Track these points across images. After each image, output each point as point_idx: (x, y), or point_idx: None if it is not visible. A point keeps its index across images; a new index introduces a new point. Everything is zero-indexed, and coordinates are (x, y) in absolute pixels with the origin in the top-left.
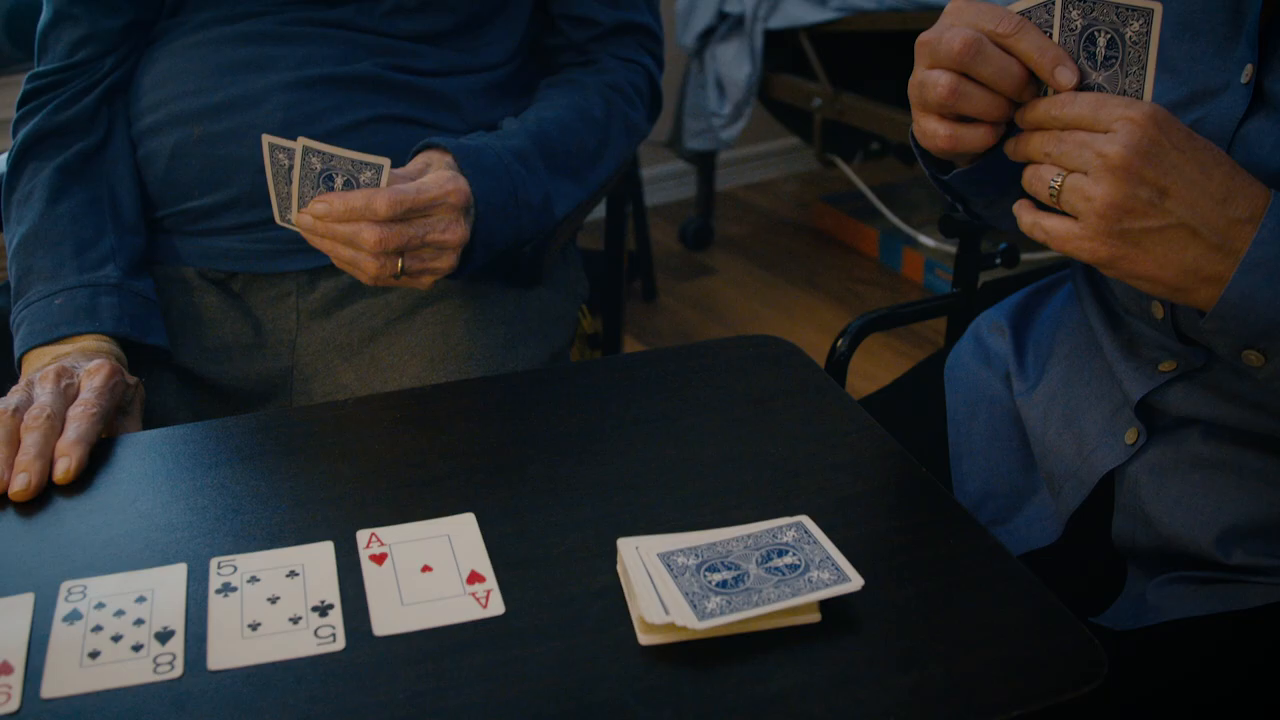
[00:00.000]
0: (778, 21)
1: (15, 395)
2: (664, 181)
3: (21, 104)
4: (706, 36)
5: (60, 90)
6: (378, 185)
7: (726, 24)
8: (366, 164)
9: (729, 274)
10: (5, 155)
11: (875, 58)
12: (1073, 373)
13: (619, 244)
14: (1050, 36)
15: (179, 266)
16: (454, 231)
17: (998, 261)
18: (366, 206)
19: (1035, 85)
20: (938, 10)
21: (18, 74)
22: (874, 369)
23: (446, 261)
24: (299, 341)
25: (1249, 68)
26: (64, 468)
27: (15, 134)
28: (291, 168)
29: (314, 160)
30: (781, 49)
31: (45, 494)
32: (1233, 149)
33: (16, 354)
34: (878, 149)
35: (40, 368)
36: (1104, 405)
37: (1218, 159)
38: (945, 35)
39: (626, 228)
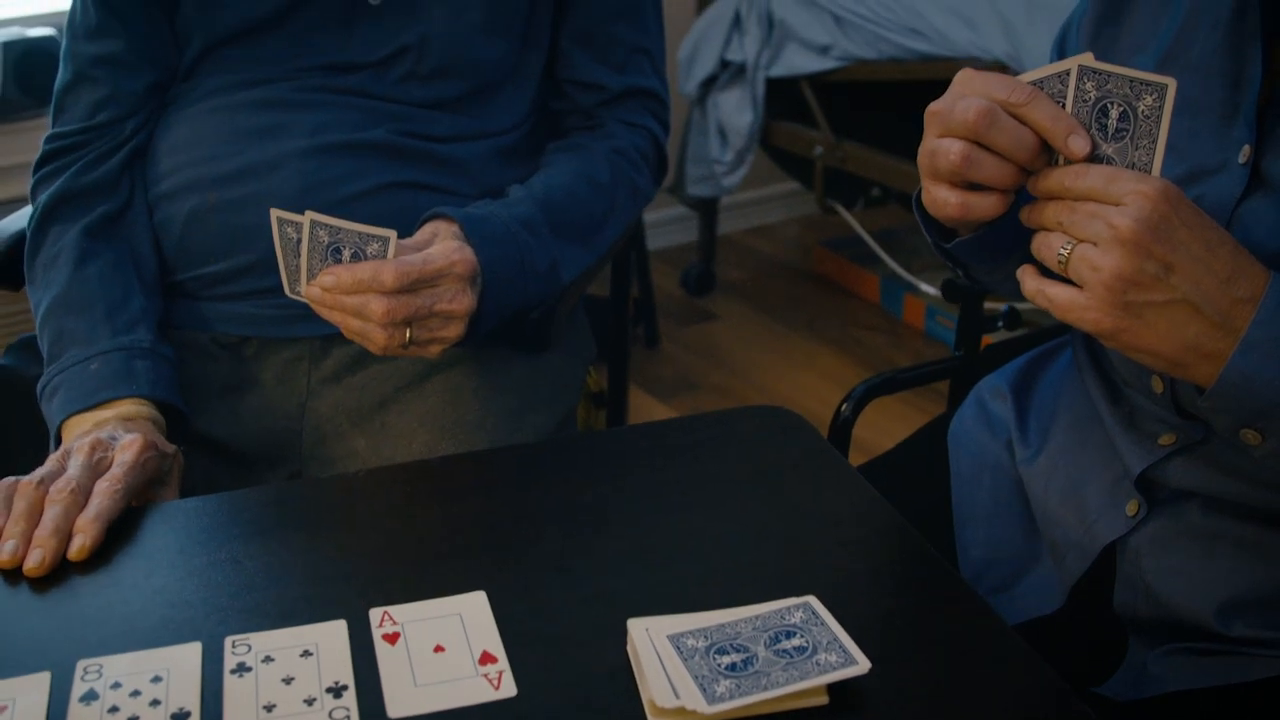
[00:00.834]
0: (779, 70)
1: (49, 464)
2: (666, 226)
3: (40, 165)
4: (709, 84)
5: (82, 152)
6: (384, 257)
7: (728, 72)
8: (373, 236)
9: (731, 319)
10: (28, 217)
11: (876, 105)
12: (1074, 442)
13: (623, 296)
14: (1063, 106)
15: (194, 330)
16: (461, 301)
17: (1000, 324)
18: (374, 278)
19: (1047, 153)
20: (937, 61)
21: (24, 121)
22: (876, 417)
23: (454, 330)
24: (311, 407)
25: (1246, 148)
26: (78, 545)
27: (35, 195)
28: (300, 241)
29: (321, 233)
30: (783, 97)
31: (61, 568)
32: (1231, 228)
33: (55, 420)
34: (879, 195)
35: (80, 434)
36: (1105, 476)
37: (1223, 238)
38: (958, 105)
39: (631, 279)
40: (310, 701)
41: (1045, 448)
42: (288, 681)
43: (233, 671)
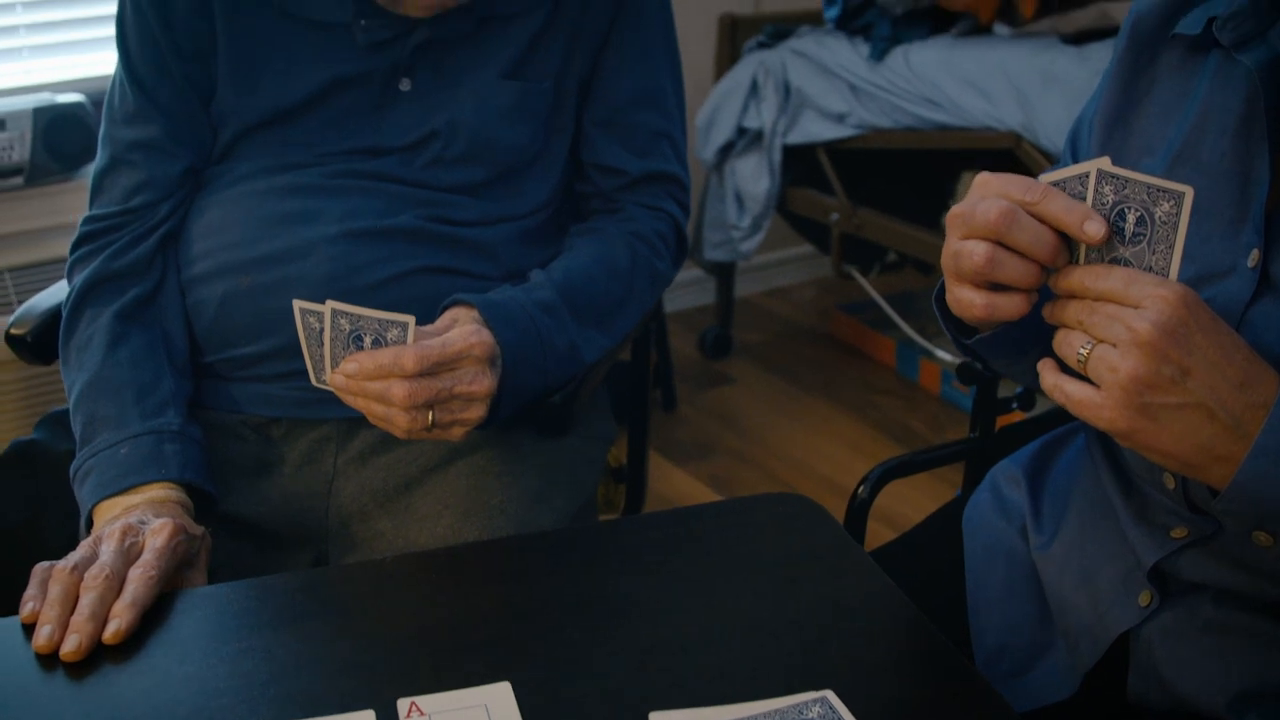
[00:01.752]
0: (796, 137)
1: (82, 550)
2: (683, 288)
3: (77, 246)
4: (726, 150)
5: (118, 235)
6: (404, 342)
7: (745, 139)
8: (393, 322)
9: (748, 383)
10: (61, 294)
11: (892, 172)
12: (1087, 531)
13: (644, 365)
14: None
15: (223, 411)
16: (481, 383)
17: (1015, 405)
18: (395, 363)
19: (1068, 251)
20: (952, 130)
21: (52, 185)
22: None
23: (475, 412)
24: (337, 488)
25: (1255, 252)
26: (113, 629)
27: (71, 276)
28: (322, 330)
29: (343, 321)
30: (800, 163)
31: (96, 653)
32: (1240, 331)
33: (87, 505)
34: (895, 260)
35: (110, 519)
36: (1118, 566)
37: (1237, 344)
38: (979, 207)
39: (651, 348)
40: None
41: (1059, 535)
42: None
43: None
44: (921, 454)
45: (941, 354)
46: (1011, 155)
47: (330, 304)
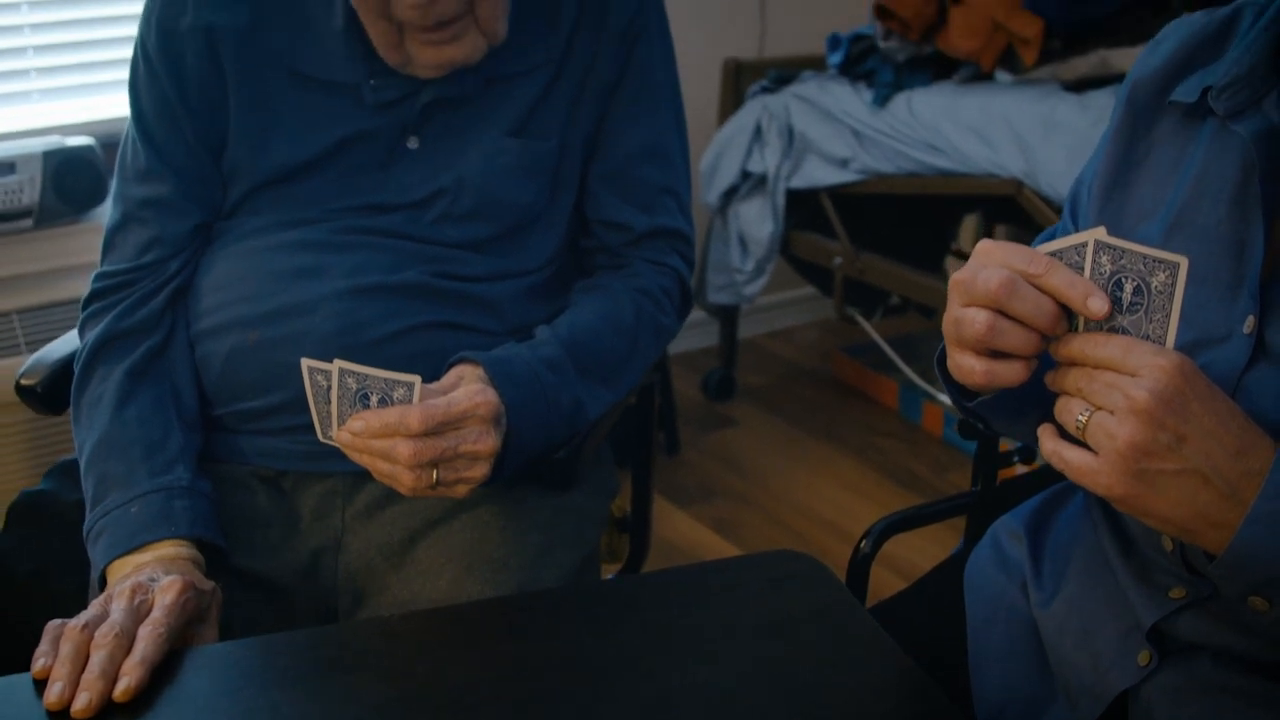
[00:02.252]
0: (799, 181)
1: (92, 609)
2: (686, 330)
3: (88, 302)
4: (730, 194)
5: (128, 291)
6: (410, 401)
7: (749, 183)
8: (399, 381)
9: (751, 425)
10: (70, 344)
11: (896, 216)
12: (1087, 589)
13: (649, 412)
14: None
15: (232, 464)
16: (485, 442)
17: (1016, 459)
18: (400, 422)
19: (1067, 319)
20: (955, 176)
21: (61, 227)
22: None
23: (480, 471)
24: (345, 542)
25: (1251, 318)
26: (123, 687)
27: (83, 332)
28: (330, 388)
29: (350, 380)
30: (803, 207)
31: (106, 710)
32: (1236, 397)
33: (99, 564)
34: (898, 303)
35: (122, 578)
36: (1117, 625)
37: (1233, 411)
38: (980, 275)
39: (656, 395)
40: None
41: (1059, 592)
42: None
43: None
44: (923, 508)
45: (944, 397)
46: (1013, 202)
47: (338, 363)
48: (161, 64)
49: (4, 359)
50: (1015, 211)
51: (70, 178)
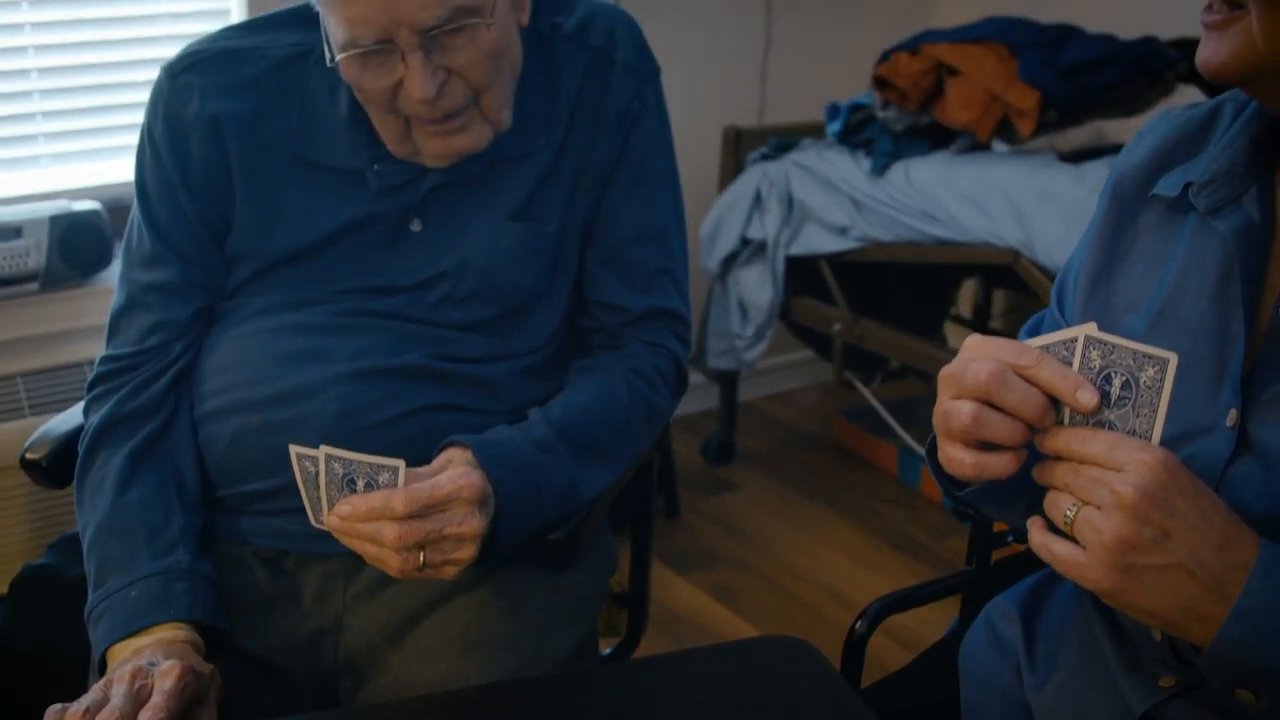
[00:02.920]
0: (799, 248)
1: (93, 694)
2: (687, 393)
3: (93, 385)
4: (730, 260)
5: (132, 375)
6: (395, 485)
7: (749, 249)
8: (383, 466)
9: (751, 489)
10: (75, 419)
11: (895, 279)
12: (1079, 675)
13: (648, 483)
14: None
15: (233, 544)
16: (470, 524)
17: (1010, 539)
18: (385, 506)
19: (1055, 412)
20: (952, 245)
21: (67, 291)
22: (881, 583)
23: (466, 552)
24: (346, 622)
25: (1233, 412)
26: None
27: (87, 414)
28: (317, 473)
29: (336, 466)
30: (803, 273)
31: None
32: (1220, 490)
33: (99, 647)
34: (898, 368)
35: (122, 661)
36: (1109, 711)
37: (1217, 506)
38: (970, 368)
39: (655, 466)
40: None
41: (1052, 677)
42: None
43: None
44: (919, 589)
45: None
46: (1010, 271)
47: (324, 449)
48: (167, 151)
49: (8, 422)
50: (1014, 277)
51: (76, 242)
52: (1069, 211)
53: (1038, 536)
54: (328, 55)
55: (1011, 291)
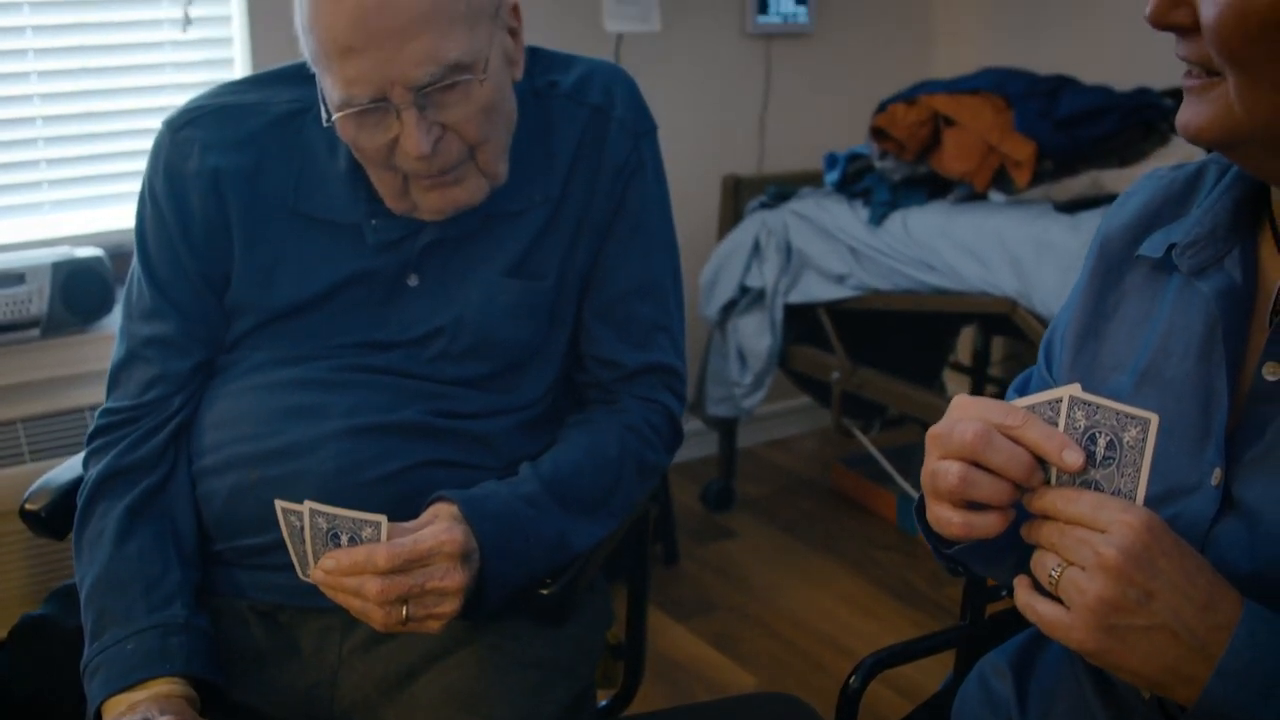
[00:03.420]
0: (797, 296)
1: None
2: (686, 440)
3: (93, 438)
4: (729, 308)
5: (132, 428)
6: (378, 540)
7: (748, 297)
8: (366, 521)
9: (750, 536)
10: (73, 470)
11: (893, 326)
12: None
13: (644, 546)
14: None
15: (230, 598)
16: (452, 578)
17: (1004, 593)
18: (367, 560)
19: (1041, 471)
20: (949, 294)
21: (68, 337)
22: (879, 631)
23: (449, 607)
24: (341, 677)
25: (1217, 471)
26: None
27: (87, 466)
28: (303, 528)
29: (320, 521)
30: (801, 321)
31: None
32: (1205, 549)
33: (95, 700)
34: (896, 415)
35: (117, 715)
36: None
37: (1201, 566)
38: (957, 428)
39: (649, 529)
40: None
41: None
42: None
43: None
44: (913, 644)
45: None
46: (1008, 320)
47: (308, 504)
48: (168, 205)
49: (9, 468)
50: (1013, 325)
51: (78, 288)
52: (1065, 261)
53: (1023, 596)
54: (324, 115)
55: (1010, 339)
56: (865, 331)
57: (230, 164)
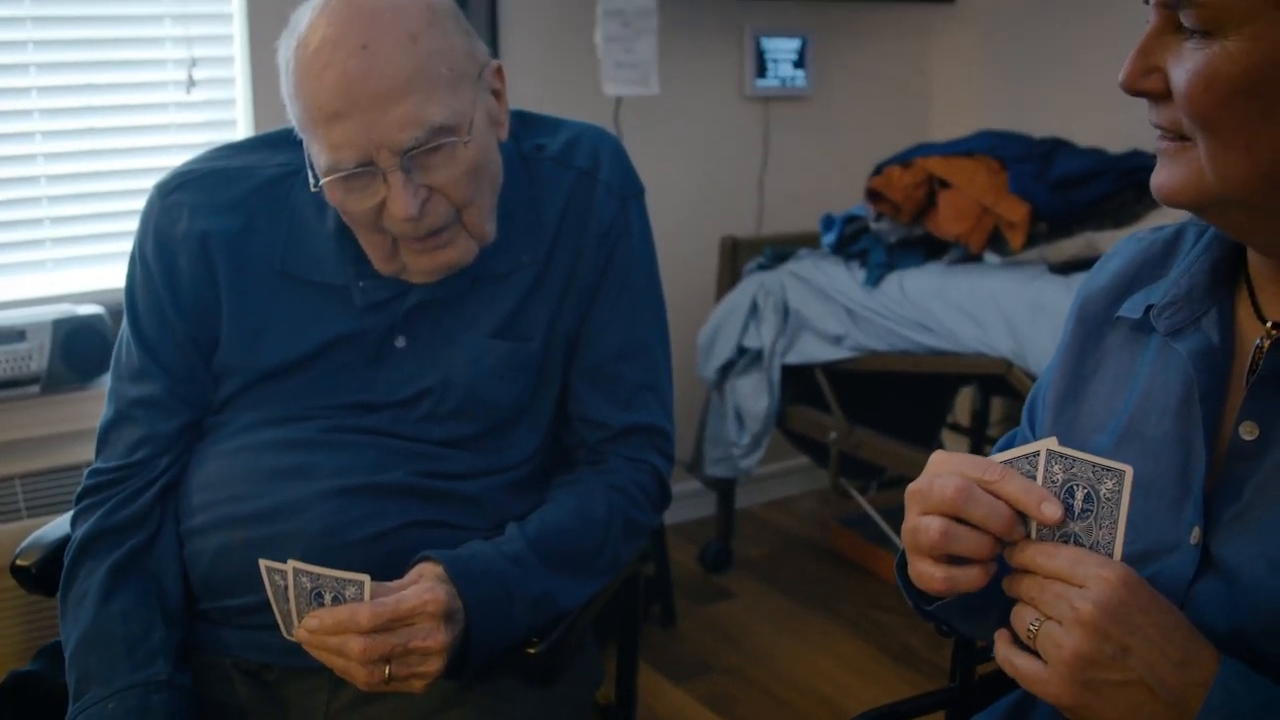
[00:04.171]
0: (795, 357)
1: None
2: (684, 501)
3: (81, 498)
4: (727, 369)
5: (119, 488)
6: (361, 599)
7: (746, 358)
8: (349, 581)
9: (748, 597)
10: (63, 526)
11: (891, 386)
12: None
13: (634, 607)
14: None
15: (217, 656)
16: (435, 638)
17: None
18: (350, 619)
19: (1022, 524)
20: (945, 355)
21: (67, 394)
22: (878, 694)
23: (432, 666)
24: None
25: (1196, 530)
26: None
27: (74, 525)
28: (287, 587)
29: (304, 580)
30: (799, 382)
31: None
32: (1185, 607)
33: None
34: (895, 475)
35: None
36: None
37: (1178, 622)
38: (936, 483)
39: (640, 591)
40: None
41: None
42: None
43: None
44: (903, 704)
45: None
46: (1004, 380)
47: (292, 564)
48: (157, 268)
49: (5, 524)
50: (1006, 389)
51: (78, 346)
52: (1060, 322)
53: (1002, 650)
54: (311, 180)
55: (1008, 400)
56: (863, 392)
57: (218, 227)
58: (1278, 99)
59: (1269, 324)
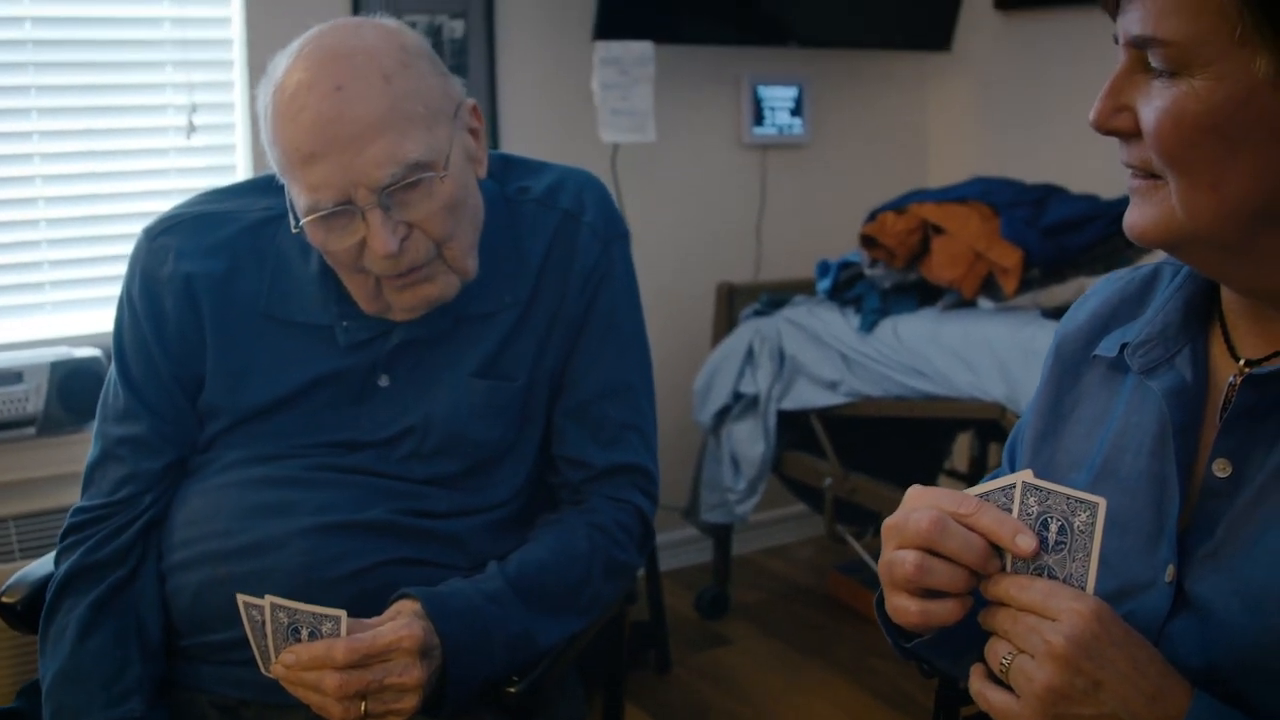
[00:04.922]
0: (790, 403)
1: None
2: (680, 547)
3: (65, 536)
4: (723, 415)
5: (102, 526)
6: (337, 635)
7: (742, 403)
8: (326, 616)
9: (744, 644)
10: (48, 564)
11: (887, 430)
12: None
13: (619, 630)
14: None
15: (194, 693)
16: (411, 674)
17: None
18: (326, 655)
19: (998, 558)
20: (939, 400)
21: (63, 436)
22: None
23: (408, 702)
24: None
25: (1170, 568)
26: None
27: (57, 563)
28: (264, 623)
29: (281, 615)
30: (794, 428)
31: None
32: (1160, 645)
33: None
34: None
35: None
36: None
37: (1151, 656)
38: (911, 517)
39: (626, 616)
40: None
41: None
42: None
43: None
44: None
45: None
46: (998, 425)
47: (269, 599)
48: (143, 310)
49: None
50: (1003, 430)
51: (75, 388)
52: None
53: (976, 684)
54: (292, 222)
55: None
56: (860, 438)
57: (203, 270)
58: (1243, 137)
59: (1241, 361)
